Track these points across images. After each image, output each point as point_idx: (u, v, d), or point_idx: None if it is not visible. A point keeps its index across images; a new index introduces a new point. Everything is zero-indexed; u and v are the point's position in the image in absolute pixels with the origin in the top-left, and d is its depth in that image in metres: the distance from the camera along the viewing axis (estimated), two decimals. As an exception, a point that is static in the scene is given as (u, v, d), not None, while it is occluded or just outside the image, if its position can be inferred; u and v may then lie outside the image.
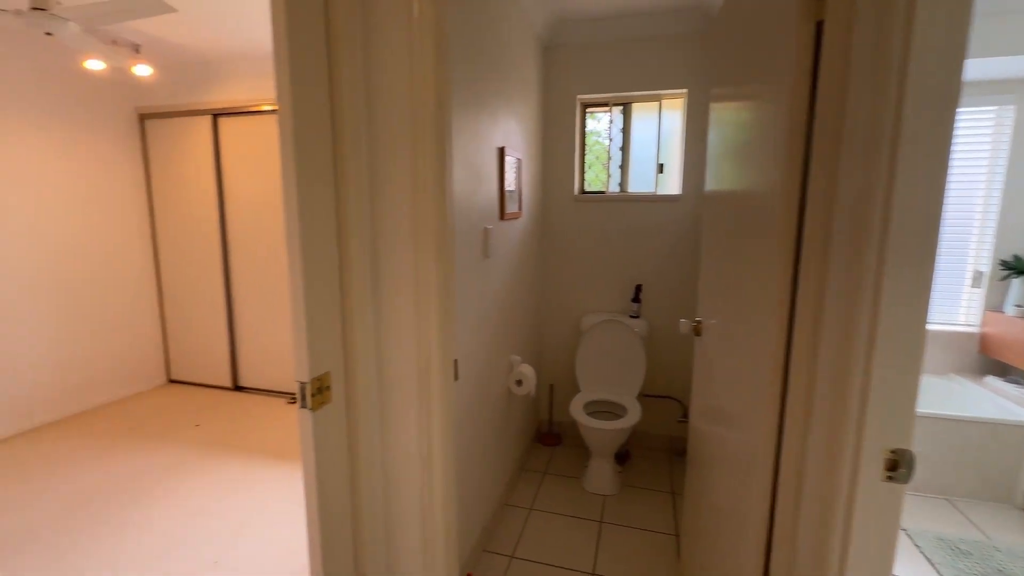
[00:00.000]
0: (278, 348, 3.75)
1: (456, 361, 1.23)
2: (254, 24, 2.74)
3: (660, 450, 2.95)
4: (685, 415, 2.85)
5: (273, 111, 3.46)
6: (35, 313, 3.17)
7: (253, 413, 3.45)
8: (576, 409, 2.50)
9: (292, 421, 3.33)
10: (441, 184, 1.08)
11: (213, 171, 3.63)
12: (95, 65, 2.91)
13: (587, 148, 2.94)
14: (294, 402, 3.65)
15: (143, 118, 3.72)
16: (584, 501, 2.44)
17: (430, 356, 1.12)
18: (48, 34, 1.87)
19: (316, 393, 1.01)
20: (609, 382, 2.76)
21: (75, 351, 3.39)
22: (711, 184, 1.64)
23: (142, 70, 2.94)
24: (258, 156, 3.56)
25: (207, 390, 3.89)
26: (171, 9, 1.79)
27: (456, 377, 1.23)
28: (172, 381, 4.06)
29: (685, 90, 2.67)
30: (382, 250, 1.11)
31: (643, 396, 2.86)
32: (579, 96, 2.80)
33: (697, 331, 1.68)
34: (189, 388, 3.93)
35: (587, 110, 2.91)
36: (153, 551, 2.04)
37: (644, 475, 2.68)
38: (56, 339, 3.28)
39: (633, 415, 2.45)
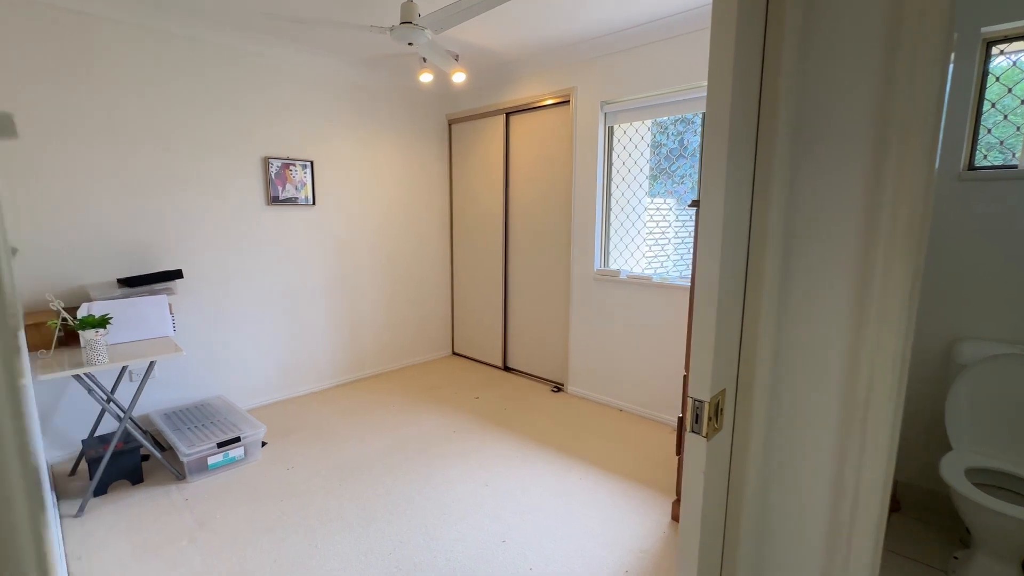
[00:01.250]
0: (543, 338, 3.87)
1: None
2: (562, 16, 2.76)
3: (1096, 566, 1.88)
4: None
5: (554, 104, 3.52)
6: (373, 282, 3.96)
7: (521, 395, 3.62)
8: (956, 477, 1.74)
9: (555, 409, 3.36)
10: (931, 163, 0.70)
11: (502, 167, 3.94)
12: (426, 79, 3.40)
13: (985, 102, 2.04)
14: (557, 391, 3.70)
15: (451, 123, 4.29)
16: (963, 611, 1.69)
17: (872, 383, 0.76)
18: (410, 44, 2.16)
19: (713, 417, 0.76)
20: (1014, 447, 1.87)
21: (394, 318, 4.14)
22: None
23: (459, 77, 3.31)
24: (539, 149, 3.69)
25: (482, 366, 4.29)
26: (510, -4, 1.84)
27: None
28: (455, 354, 4.64)
29: None
30: (796, 249, 0.80)
31: (1072, 477, 1.86)
32: (984, 29, 1.95)
33: None
34: (468, 362, 4.42)
35: (991, 47, 2.02)
36: (453, 513, 2.21)
37: (1072, 601, 1.73)
38: (384, 306, 4.05)
39: (1074, 508, 1.57)
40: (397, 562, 1.90)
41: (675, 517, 2.18)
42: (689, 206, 2.37)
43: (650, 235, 3.70)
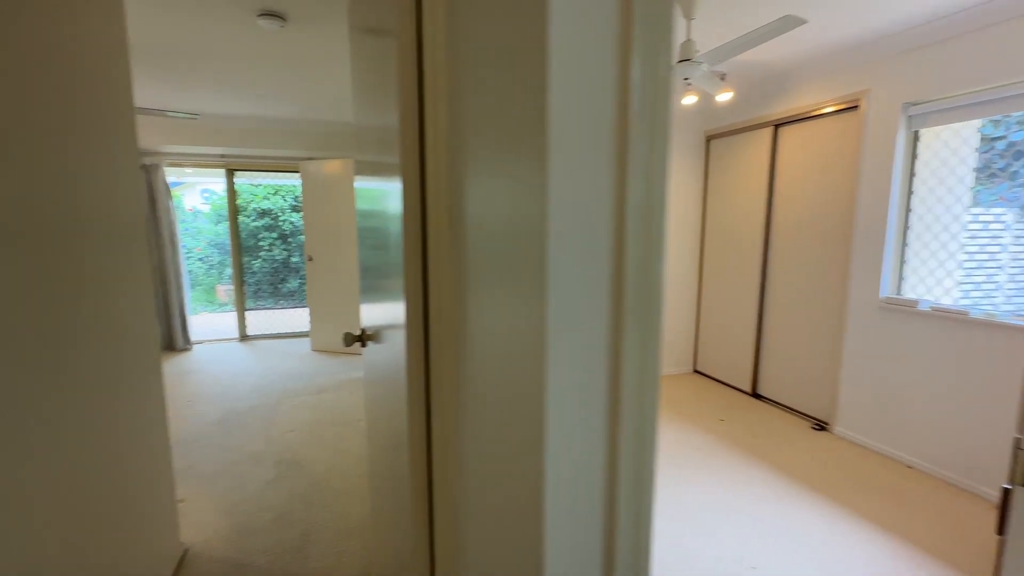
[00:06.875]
0: (804, 367, 3.50)
1: None
2: (855, 19, 2.53)
3: None
4: None
5: (836, 111, 3.16)
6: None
7: (773, 427, 3.37)
8: None
9: (818, 450, 3.02)
10: None
11: (766, 182, 3.73)
12: (689, 101, 3.50)
13: None
14: (819, 428, 3.32)
15: (709, 139, 4.27)
16: None
17: None
18: (685, 79, 2.33)
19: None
20: None
21: (638, 330, 4.34)
22: None
23: (724, 97, 3.30)
24: (812, 161, 3.37)
25: (726, 388, 4.13)
26: (803, 21, 1.84)
27: None
28: (696, 371, 4.57)
29: None
30: None
31: None
32: None
33: None
34: (710, 382, 4.30)
35: None
36: (701, 540, 2.28)
37: None
38: (629, 319, 4.29)
39: None
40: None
41: (992, 609, 1.77)
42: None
43: (972, 256, 2.99)
